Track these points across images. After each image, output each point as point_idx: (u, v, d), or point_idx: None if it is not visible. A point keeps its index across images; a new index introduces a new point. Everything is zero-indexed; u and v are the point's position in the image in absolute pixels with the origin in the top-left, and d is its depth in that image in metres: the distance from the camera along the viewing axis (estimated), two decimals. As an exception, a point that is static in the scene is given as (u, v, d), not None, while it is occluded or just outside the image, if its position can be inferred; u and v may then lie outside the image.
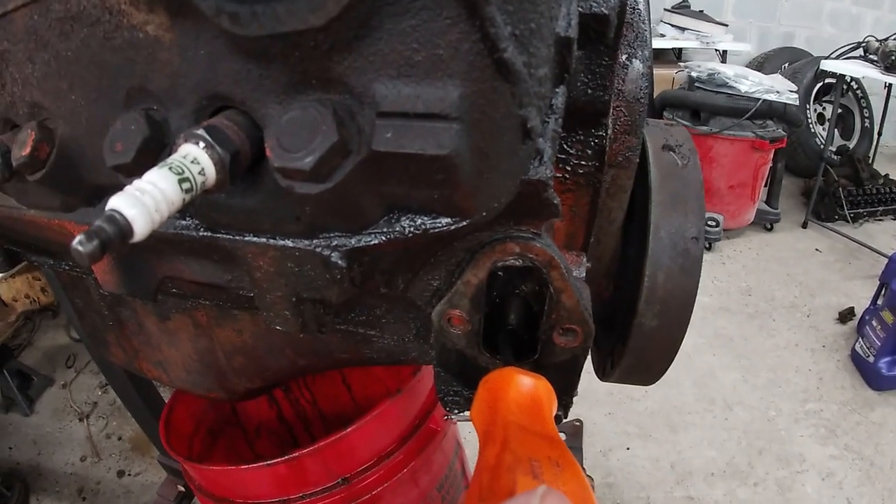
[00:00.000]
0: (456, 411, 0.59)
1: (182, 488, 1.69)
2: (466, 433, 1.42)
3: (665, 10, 4.81)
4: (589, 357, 0.77)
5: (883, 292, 2.95)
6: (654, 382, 0.71)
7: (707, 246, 3.93)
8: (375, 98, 0.32)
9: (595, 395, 2.65)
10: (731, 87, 3.74)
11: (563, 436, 1.66)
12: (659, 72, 4.23)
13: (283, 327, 0.45)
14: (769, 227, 4.38)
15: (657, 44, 4.45)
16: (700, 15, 4.80)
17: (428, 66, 0.31)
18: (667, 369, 0.68)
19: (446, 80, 0.31)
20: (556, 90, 0.42)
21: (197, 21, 0.32)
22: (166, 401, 1.22)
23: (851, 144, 5.36)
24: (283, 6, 0.28)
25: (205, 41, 0.33)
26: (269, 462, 0.95)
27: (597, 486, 2.18)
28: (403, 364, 0.70)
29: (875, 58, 4.11)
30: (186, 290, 0.62)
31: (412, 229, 0.38)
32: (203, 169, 0.31)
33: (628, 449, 2.44)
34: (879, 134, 5.34)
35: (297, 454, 0.96)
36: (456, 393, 0.58)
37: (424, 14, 0.30)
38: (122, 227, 0.26)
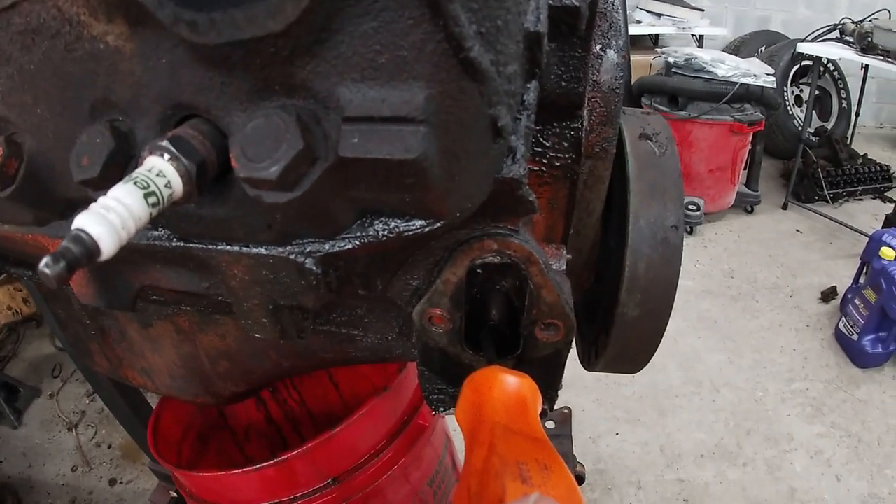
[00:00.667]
0: (441, 409, 0.59)
1: (174, 494, 1.68)
2: (456, 425, 1.42)
3: (641, -4, 4.83)
4: (574, 345, 0.77)
5: (865, 271, 2.99)
6: (638, 371, 0.71)
7: (688, 230, 3.96)
8: (340, 102, 0.32)
9: (582, 381, 2.67)
10: (709, 72, 3.76)
11: (551, 424, 1.67)
12: (636, 58, 4.25)
13: (261, 335, 0.45)
14: (750, 209, 4.42)
15: (634, 30, 4.46)
16: (676, 0, 4.81)
17: (392, 69, 0.31)
18: (650, 358, 0.68)
19: (412, 82, 0.31)
20: (528, 86, 0.42)
21: (156, 30, 0.32)
22: (154, 407, 1.22)
23: (829, 125, 5.40)
24: (241, 13, 0.28)
25: (165, 50, 0.33)
26: (257, 466, 0.95)
27: (588, 473, 2.20)
28: (388, 361, 0.70)
29: (851, 39, 4.14)
30: (167, 297, 0.61)
31: (386, 233, 0.38)
32: (169, 181, 0.31)
33: (617, 434, 2.46)
34: (857, 114, 5.39)
35: (285, 457, 0.96)
36: (440, 391, 0.58)
37: (386, 15, 0.29)
38: (89, 247, 0.26)
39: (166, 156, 0.31)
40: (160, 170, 0.31)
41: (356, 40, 0.30)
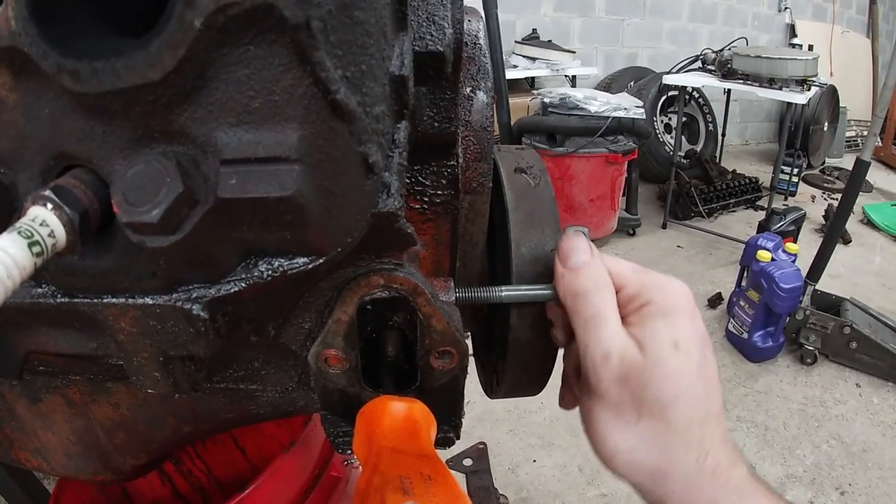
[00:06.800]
0: (349, 451, 0.58)
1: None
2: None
3: (516, 42, 5.09)
4: (478, 378, 0.79)
5: (745, 274, 3.25)
6: (539, 392, 0.74)
7: (578, 257, 4.14)
8: (218, 146, 0.33)
9: (494, 415, 2.70)
10: (582, 109, 4.00)
11: (469, 461, 1.67)
12: (514, 100, 4.45)
13: (154, 390, 0.44)
14: (632, 232, 4.69)
15: (511, 74, 4.67)
16: (549, 44, 5.11)
17: (266, 112, 0.32)
18: (548, 377, 0.71)
19: (284, 124, 0.33)
20: (398, 126, 0.44)
21: (40, 80, 0.32)
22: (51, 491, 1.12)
23: (698, 148, 5.87)
24: (121, 62, 0.29)
25: (48, 100, 0.33)
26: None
27: (512, 503, 2.21)
28: (292, 415, 0.68)
29: (713, 67, 4.54)
30: (54, 365, 0.58)
31: (270, 272, 0.38)
32: (52, 231, 0.31)
33: (535, 461, 2.50)
34: (723, 135, 5.89)
35: (194, 529, 0.90)
36: (345, 433, 0.58)
37: (258, 63, 0.31)
38: None
39: (49, 205, 0.31)
40: (43, 219, 0.30)
41: (231, 87, 0.32)
